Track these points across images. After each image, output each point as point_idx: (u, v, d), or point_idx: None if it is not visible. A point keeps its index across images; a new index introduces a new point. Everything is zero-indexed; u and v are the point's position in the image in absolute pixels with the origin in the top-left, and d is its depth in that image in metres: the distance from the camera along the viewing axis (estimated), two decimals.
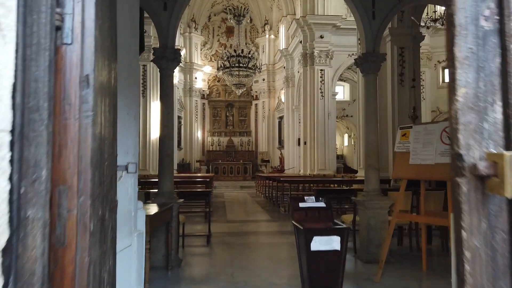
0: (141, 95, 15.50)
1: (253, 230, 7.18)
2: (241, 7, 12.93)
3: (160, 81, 5.03)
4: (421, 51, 9.96)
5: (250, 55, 12.64)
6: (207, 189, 6.22)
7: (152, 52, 5.23)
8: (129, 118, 2.85)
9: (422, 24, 9.90)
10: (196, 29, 23.95)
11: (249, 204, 11.26)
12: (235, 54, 12.49)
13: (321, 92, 16.32)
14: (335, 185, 9.92)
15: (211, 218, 7.31)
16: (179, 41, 21.16)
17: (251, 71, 12.70)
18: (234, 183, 19.25)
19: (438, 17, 11.07)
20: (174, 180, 13.40)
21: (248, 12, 12.93)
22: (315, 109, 16.27)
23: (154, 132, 15.92)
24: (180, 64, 22.51)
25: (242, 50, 12.69)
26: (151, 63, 15.40)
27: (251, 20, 24.88)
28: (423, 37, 9.47)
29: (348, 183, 9.07)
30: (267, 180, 12.68)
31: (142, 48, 4.28)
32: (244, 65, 12.35)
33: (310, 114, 16.44)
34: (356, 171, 17.37)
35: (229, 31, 24.08)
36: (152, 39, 15.86)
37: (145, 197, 5.57)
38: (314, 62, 16.36)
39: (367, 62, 5.63)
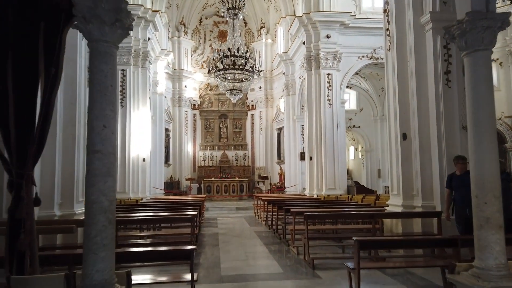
0: (119, 104, 13.23)
1: None
2: None
3: (91, 65, 2.77)
4: None
5: (247, 55, 10.46)
6: (189, 247, 3.93)
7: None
8: None
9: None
10: (186, 33, 21.87)
11: (249, 239, 8.96)
12: (229, 53, 10.30)
13: (329, 100, 14.18)
14: (358, 222, 7.65)
15: (198, 271, 5.07)
16: (166, 45, 19.03)
17: (249, 74, 10.53)
18: (229, 203, 16.93)
19: None
20: (156, 203, 11.12)
21: (245, 4, 10.75)
22: (322, 118, 14.12)
23: (135, 148, 13.61)
24: (168, 71, 20.44)
25: (238, 49, 10.50)
26: (131, 66, 13.29)
27: (245, 23, 22.89)
28: None
29: (371, 217, 6.80)
30: (268, 205, 10.43)
31: None
32: (241, 67, 10.16)
33: (316, 125, 14.28)
34: (372, 191, 15.21)
35: (222, 36, 22.01)
36: (133, 39, 13.66)
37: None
38: (320, 65, 14.26)
39: (475, 30, 3.46)
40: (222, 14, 22.77)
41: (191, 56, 22.34)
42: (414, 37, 7.14)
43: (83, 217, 6.92)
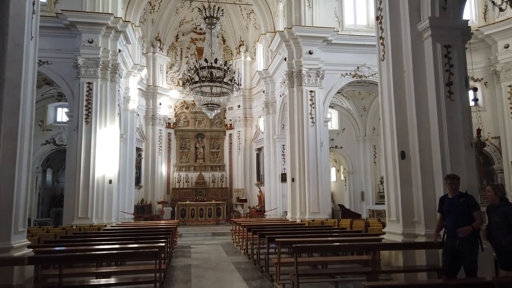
0: (83, 120, 12.02)
1: None
2: (214, 6, 9.98)
3: None
4: None
5: (225, 68, 9.58)
6: None
7: None
8: None
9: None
10: (161, 49, 20.96)
11: (226, 273, 7.83)
12: (206, 65, 9.38)
13: (312, 118, 13.44)
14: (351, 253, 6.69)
15: None
16: (140, 60, 18.04)
17: (227, 87, 9.62)
18: (204, 228, 15.68)
19: None
20: (121, 231, 9.79)
21: (224, 14, 9.97)
22: (305, 137, 13.33)
23: (101, 168, 12.33)
24: (141, 88, 19.33)
25: (216, 60, 9.61)
26: (99, 79, 12.17)
27: (224, 40, 22.25)
28: (470, 34, 6.77)
29: (371, 249, 5.84)
30: (247, 231, 9.35)
31: None
32: (219, 80, 9.24)
33: (299, 144, 13.46)
34: (358, 215, 14.35)
35: (200, 53, 21.19)
36: (101, 50, 12.61)
37: None
38: (302, 82, 13.57)
39: None
40: (199, 31, 22.31)
41: (166, 73, 21.37)
42: (412, 45, 6.45)
43: (23, 252, 5.69)
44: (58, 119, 18.07)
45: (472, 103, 9.31)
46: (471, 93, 8.82)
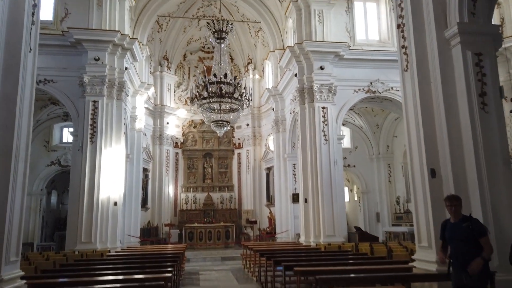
0: (88, 140, 11.60)
1: None
2: (223, 20, 9.64)
3: None
4: None
5: (235, 83, 9.14)
6: None
7: None
8: None
9: None
10: (169, 68, 20.77)
11: None
12: (215, 80, 8.96)
13: (324, 135, 12.89)
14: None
15: None
16: (147, 79, 17.79)
17: (237, 103, 9.15)
18: (213, 252, 14.96)
19: None
20: (126, 257, 9.17)
21: (233, 28, 9.62)
22: (318, 156, 12.75)
23: (106, 190, 11.83)
24: (149, 107, 19.01)
25: (225, 75, 9.19)
26: (104, 97, 11.81)
27: (232, 59, 22.00)
28: (501, 40, 6.26)
29: (405, 280, 5.15)
30: (260, 257, 8.68)
31: None
32: (228, 95, 8.79)
33: (312, 163, 12.87)
34: (375, 238, 13.58)
35: (208, 71, 20.95)
36: (107, 68, 12.31)
37: None
38: (314, 98, 13.10)
39: None
40: (207, 49, 22.17)
41: (174, 92, 21.12)
42: (438, 54, 5.94)
43: (15, 285, 5.11)
44: (64, 140, 17.76)
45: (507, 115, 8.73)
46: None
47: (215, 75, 9.14)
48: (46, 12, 13.07)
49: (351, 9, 14.21)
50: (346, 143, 18.24)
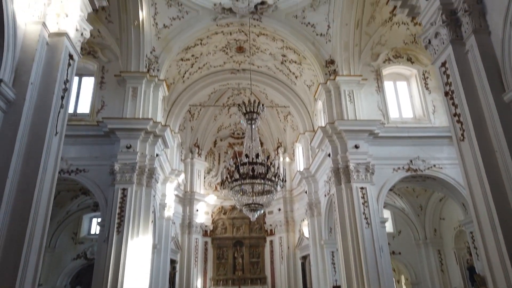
0: (115, 230, 11.05)
1: None
2: (255, 101, 9.55)
3: None
4: None
5: (268, 163, 8.65)
6: None
7: None
8: None
9: None
10: (199, 154, 20.88)
11: None
12: (247, 160, 8.52)
13: (366, 218, 11.81)
14: None
15: None
16: (179, 167, 17.71)
17: (271, 184, 8.54)
18: None
19: None
20: None
21: (264, 108, 9.45)
22: (360, 242, 11.53)
23: (130, 284, 10.88)
24: (179, 194, 18.63)
25: (257, 155, 8.75)
26: (134, 185, 11.49)
27: (262, 143, 21.95)
28: None
29: None
30: None
31: None
32: (261, 176, 8.24)
33: (354, 250, 11.60)
34: None
35: (239, 156, 20.89)
36: (139, 155, 12.25)
37: None
38: (351, 178, 12.32)
39: None
40: (237, 135, 22.41)
41: (204, 178, 20.90)
42: (500, 119, 5.27)
43: None
44: (92, 231, 17.34)
45: None
46: None
47: (246, 156, 8.73)
48: (84, 105, 13.68)
49: (382, 88, 14.07)
50: (388, 227, 16.72)
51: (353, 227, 11.89)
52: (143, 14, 13.11)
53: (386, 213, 17.04)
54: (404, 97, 14.52)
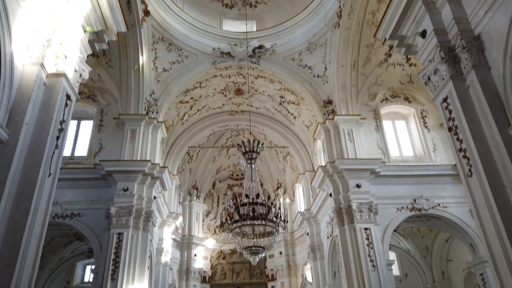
0: (109, 277, 10.53)
1: None
2: (254, 140, 9.45)
3: None
4: None
5: (269, 203, 8.39)
6: None
7: None
8: None
9: None
10: (198, 197, 20.49)
11: None
12: (247, 201, 8.27)
13: (371, 261, 11.32)
14: None
15: None
16: (177, 210, 17.29)
17: (272, 225, 8.21)
18: None
19: None
20: None
21: (264, 148, 9.34)
22: (367, 285, 10.99)
23: None
24: (176, 238, 18.05)
25: (258, 195, 8.51)
26: (130, 229, 11.10)
27: (261, 184, 21.64)
28: None
29: None
30: None
31: None
32: (262, 217, 7.94)
33: None
34: None
35: (238, 196, 20.50)
36: (135, 198, 11.95)
37: None
38: (354, 218, 11.98)
39: None
40: (236, 177, 22.13)
41: (203, 221, 20.35)
42: (508, 153, 5.12)
43: None
44: (86, 279, 16.59)
45: None
46: None
47: (246, 196, 8.48)
48: (82, 149, 13.52)
49: (381, 127, 14.06)
50: (395, 270, 16.01)
51: (359, 271, 11.37)
52: (143, 58, 13.35)
53: (392, 255, 16.45)
54: (403, 136, 14.49)
